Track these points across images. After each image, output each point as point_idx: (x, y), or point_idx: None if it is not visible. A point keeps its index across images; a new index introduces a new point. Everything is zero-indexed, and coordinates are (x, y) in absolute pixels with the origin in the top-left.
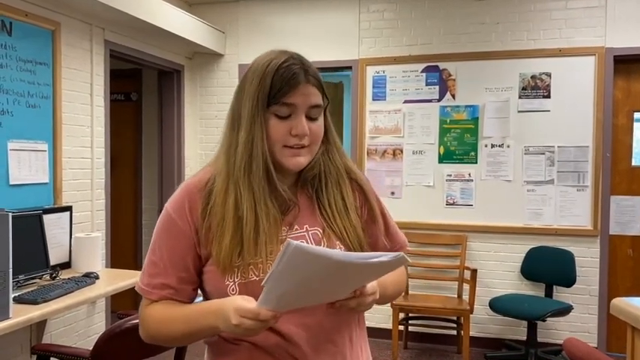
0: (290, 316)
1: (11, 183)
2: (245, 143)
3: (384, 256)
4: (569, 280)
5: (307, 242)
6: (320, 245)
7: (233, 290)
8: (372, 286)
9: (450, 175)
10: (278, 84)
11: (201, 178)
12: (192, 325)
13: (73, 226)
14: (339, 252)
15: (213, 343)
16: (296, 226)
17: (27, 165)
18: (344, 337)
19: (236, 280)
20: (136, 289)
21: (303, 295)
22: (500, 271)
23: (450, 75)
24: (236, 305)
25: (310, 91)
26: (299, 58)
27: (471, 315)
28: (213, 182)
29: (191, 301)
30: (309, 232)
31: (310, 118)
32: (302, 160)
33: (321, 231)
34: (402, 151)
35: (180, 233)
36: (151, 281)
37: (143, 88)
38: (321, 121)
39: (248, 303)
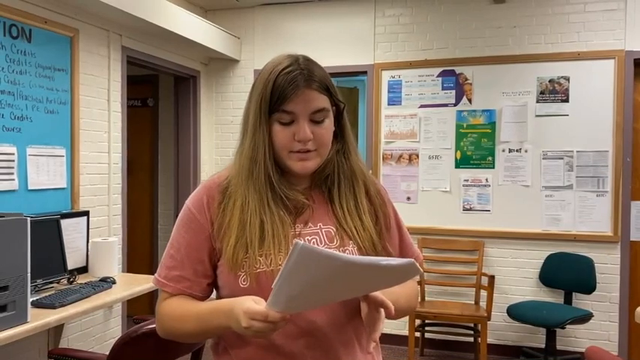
0: (301, 313)
1: (30, 188)
2: (248, 149)
3: (394, 261)
4: (588, 287)
5: (320, 239)
6: (333, 243)
7: (244, 281)
8: (380, 300)
9: (467, 180)
10: (278, 92)
11: (220, 176)
12: (204, 323)
13: (90, 230)
14: (347, 255)
15: (219, 341)
16: (310, 224)
17: (45, 170)
18: (352, 339)
19: (248, 270)
20: (152, 282)
21: (312, 298)
22: (518, 278)
23: (466, 79)
24: (245, 307)
25: (312, 96)
26: (303, 62)
27: (488, 322)
28: (229, 181)
29: (206, 297)
30: (323, 230)
31: (315, 122)
32: (309, 164)
33: (334, 229)
34: (417, 156)
35: (198, 226)
36: (168, 273)
37: (159, 93)
38: (327, 124)
39: (257, 305)
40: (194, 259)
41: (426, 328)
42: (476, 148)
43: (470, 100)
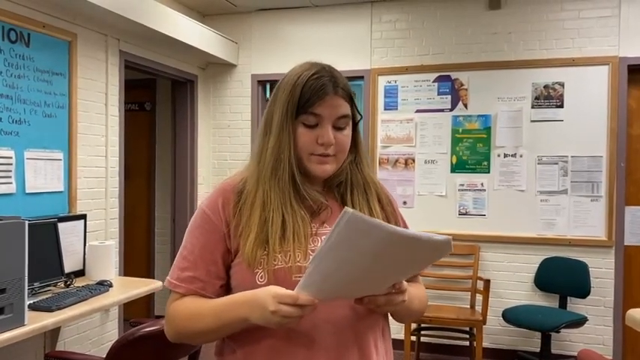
0: (317, 311)
1: (27, 191)
2: (273, 148)
3: (433, 236)
4: (583, 291)
5: None
6: None
7: (262, 278)
8: (405, 284)
9: (463, 185)
10: (307, 95)
11: (235, 178)
12: (222, 317)
13: (87, 234)
14: (392, 225)
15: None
16: (326, 225)
17: (43, 174)
18: (369, 341)
19: (265, 267)
20: (165, 284)
21: (344, 283)
22: (513, 282)
23: (462, 85)
24: (273, 292)
25: (338, 103)
26: (330, 70)
27: (483, 326)
28: (245, 183)
29: (217, 297)
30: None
31: (337, 128)
32: (328, 167)
33: None
34: (414, 161)
35: (213, 228)
36: (180, 275)
37: (157, 98)
38: (347, 131)
39: (285, 290)
40: (208, 260)
41: (422, 332)
42: (471, 152)
43: (465, 105)
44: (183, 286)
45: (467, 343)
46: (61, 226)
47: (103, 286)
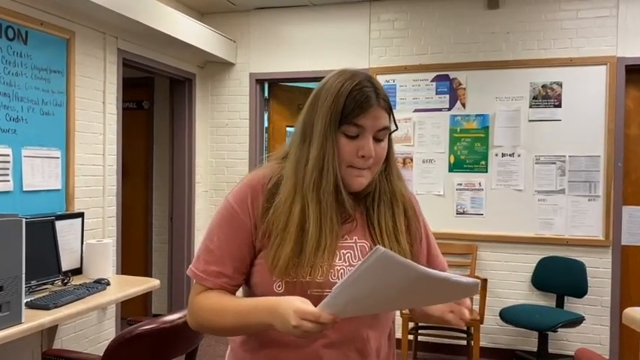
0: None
1: (25, 189)
2: (317, 159)
3: (463, 279)
4: (580, 291)
5: (354, 254)
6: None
7: (279, 287)
8: (468, 302)
9: (461, 184)
10: (351, 105)
11: (264, 175)
12: (243, 319)
13: (84, 232)
14: (422, 267)
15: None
16: (346, 237)
17: (40, 171)
18: (372, 348)
19: (284, 278)
20: (189, 273)
21: (370, 303)
22: (510, 281)
23: (460, 84)
24: (295, 307)
25: (380, 114)
26: (371, 81)
27: (481, 325)
28: (276, 184)
29: (238, 288)
30: (357, 244)
31: (376, 140)
32: (364, 180)
33: (368, 245)
34: (412, 160)
35: (241, 224)
36: (207, 268)
37: (155, 96)
38: (385, 143)
39: (307, 305)
40: (235, 257)
41: (419, 332)
42: (469, 152)
43: (464, 105)
44: (210, 280)
45: (464, 342)
46: (58, 224)
47: (101, 284)
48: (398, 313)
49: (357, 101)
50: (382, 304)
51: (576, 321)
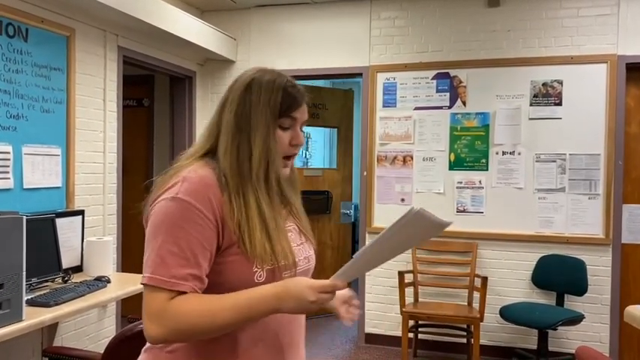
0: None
1: (25, 187)
2: (262, 151)
3: (445, 218)
4: (580, 289)
5: (294, 235)
6: (300, 239)
7: (260, 276)
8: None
9: (461, 182)
10: (288, 100)
11: (210, 171)
12: (246, 312)
13: (85, 230)
14: (437, 216)
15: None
16: (287, 221)
17: (40, 169)
18: (303, 341)
19: (265, 266)
20: (150, 282)
21: (368, 265)
22: (510, 279)
23: (460, 82)
24: (309, 284)
25: (306, 109)
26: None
27: (481, 323)
28: (222, 177)
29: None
30: (293, 227)
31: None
32: (289, 169)
33: (296, 227)
34: (412, 158)
35: (207, 223)
36: (176, 272)
37: (155, 94)
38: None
39: (316, 280)
40: (206, 257)
41: (420, 329)
42: (470, 150)
43: (464, 103)
44: (187, 284)
45: (464, 340)
46: (58, 221)
47: (101, 282)
48: (398, 311)
49: (294, 97)
50: (380, 261)
51: (576, 319)
